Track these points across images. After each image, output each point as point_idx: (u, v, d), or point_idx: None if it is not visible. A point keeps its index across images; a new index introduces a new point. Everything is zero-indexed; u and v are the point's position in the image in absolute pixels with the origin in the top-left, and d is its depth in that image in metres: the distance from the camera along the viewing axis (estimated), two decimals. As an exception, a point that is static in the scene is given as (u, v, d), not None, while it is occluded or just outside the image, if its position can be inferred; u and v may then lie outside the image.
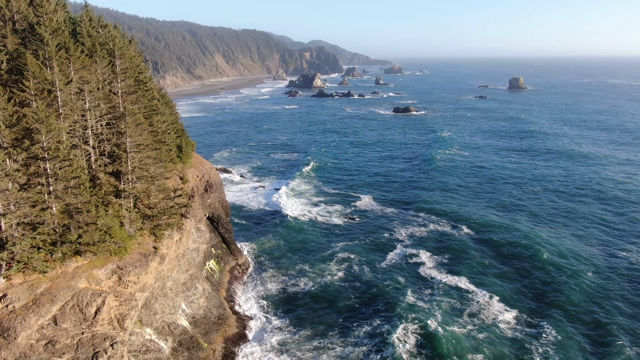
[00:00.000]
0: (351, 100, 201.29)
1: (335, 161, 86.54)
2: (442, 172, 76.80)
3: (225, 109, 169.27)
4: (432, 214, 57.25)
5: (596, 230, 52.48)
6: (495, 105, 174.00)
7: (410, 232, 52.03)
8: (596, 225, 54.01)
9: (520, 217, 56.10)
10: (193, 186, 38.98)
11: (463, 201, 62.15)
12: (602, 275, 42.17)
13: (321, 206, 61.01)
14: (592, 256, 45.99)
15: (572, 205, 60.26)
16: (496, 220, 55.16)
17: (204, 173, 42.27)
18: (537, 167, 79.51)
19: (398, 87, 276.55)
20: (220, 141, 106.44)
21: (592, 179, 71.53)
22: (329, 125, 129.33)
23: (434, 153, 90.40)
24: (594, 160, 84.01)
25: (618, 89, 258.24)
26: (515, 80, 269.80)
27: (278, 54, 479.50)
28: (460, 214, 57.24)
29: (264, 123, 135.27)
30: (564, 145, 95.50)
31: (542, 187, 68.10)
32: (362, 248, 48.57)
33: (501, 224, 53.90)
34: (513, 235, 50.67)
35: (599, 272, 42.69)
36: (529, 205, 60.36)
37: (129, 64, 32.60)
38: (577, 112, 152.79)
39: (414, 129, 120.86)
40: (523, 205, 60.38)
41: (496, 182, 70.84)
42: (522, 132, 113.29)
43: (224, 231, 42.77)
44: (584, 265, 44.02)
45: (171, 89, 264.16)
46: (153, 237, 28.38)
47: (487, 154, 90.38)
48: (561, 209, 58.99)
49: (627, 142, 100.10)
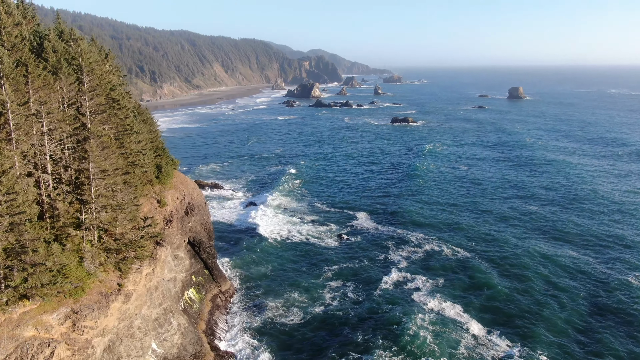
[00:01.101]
0: (349, 111, 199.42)
1: (330, 174, 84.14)
2: (438, 187, 74.33)
3: (221, 120, 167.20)
4: (427, 233, 54.66)
5: (597, 249, 49.88)
6: (494, 116, 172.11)
7: (405, 254, 49.40)
8: (598, 245, 51.40)
9: (520, 236, 53.48)
10: (172, 209, 36.45)
11: (460, 218, 59.53)
12: (610, 299, 39.51)
13: (314, 225, 58.42)
14: (600, 277, 43.36)
15: (576, 221, 57.72)
16: (492, 239, 52.57)
17: (185, 194, 39.75)
18: (536, 182, 76.99)
19: (397, 97, 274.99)
20: (213, 153, 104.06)
21: (591, 194, 69.03)
22: (325, 137, 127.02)
23: (431, 167, 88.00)
24: (592, 174, 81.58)
25: (618, 99, 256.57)
26: (514, 90, 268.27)
27: (277, 63, 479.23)
28: (456, 232, 54.68)
29: (259, 134, 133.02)
30: (564, 164, 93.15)
31: (541, 203, 65.51)
32: (356, 272, 45.95)
33: (498, 243, 51.33)
34: (511, 255, 48.06)
35: (605, 293, 40.03)
36: (528, 223, 57.74)
37: (99, 80, 30.24)
38: (577, 125, 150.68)
39: (410, 141, 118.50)
40: (523, 224, 57.77)
41: (494, 199, 68.29)
42: (517, 145, 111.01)
43: (206, 256, 40.16)
44: (593, 286, 41.41)
45: (169, 99, 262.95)
46: (119, 273, 25.80)
47: (485, 168, 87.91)
48: (567, 226, 56.41)
49: (624, 157, 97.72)
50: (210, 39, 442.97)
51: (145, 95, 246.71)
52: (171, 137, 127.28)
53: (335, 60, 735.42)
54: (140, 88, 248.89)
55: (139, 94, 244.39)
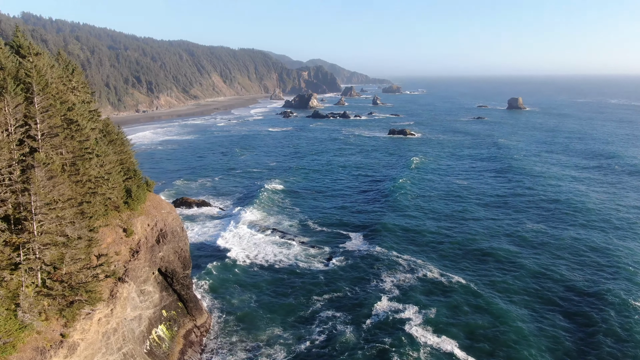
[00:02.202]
0: (347, 122, 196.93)
1: (324, 189, 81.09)
2: (435, 204, 71.22)
3: (215, 131, 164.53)
4: (418, 257, 51.47)
5: (595, 271, 46.67)
6: (491, 129, 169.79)
7: (397, 281, 46.18)
8: (597, 270, 48.18)
9: (518, 256, 50.30)
10: (140, 238, 33.35)
11: (453, 240, 56.37)
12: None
13: (303, 246, 55.25)
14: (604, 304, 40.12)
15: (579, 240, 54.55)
16: (488, 261, 49.41)
17: (158, 220, 36.65)
18: (529, 198, 73.88)
19: (395, 108, 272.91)
20: (204, 167, 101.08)
21: (583, 207, 65.98)
22: (321, 149, 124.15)
23: (427, 182, 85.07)
24: (588, 191, 78.53)
25: (617, 110, 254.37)
26: (514, 100, 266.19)
27: (276, 73, 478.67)
28: (449, 255, 51.53)
29: (253, 147, 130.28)
30: (555, 178, 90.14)
31: (536, 220, 62.37)
32: (346, 302, 42.76)
33: (494, 265, 48.17)
34: (509, 278, 44.91)
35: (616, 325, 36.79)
36: (526, 242, 54.58)
37: (54, 99, 27.35)
38: (574, 139, 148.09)
39: (406, 154, 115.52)
40: (520, 243, 54.57)
41: (488, 218, 65.12)
42: (508, 159, 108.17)
43: (180, 287, 36.97)
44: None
45: (165, 109, 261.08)
46: (64, 320, 22.66)
47: (482, 184, 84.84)
48: (565, 241, 53.24)
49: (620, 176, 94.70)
50: (209, 49, 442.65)
51: (141, 105, 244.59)
52: (162, 149, 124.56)
53: (334, 70, 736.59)
54: (136, 99, 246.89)
55: (135, 104, 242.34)
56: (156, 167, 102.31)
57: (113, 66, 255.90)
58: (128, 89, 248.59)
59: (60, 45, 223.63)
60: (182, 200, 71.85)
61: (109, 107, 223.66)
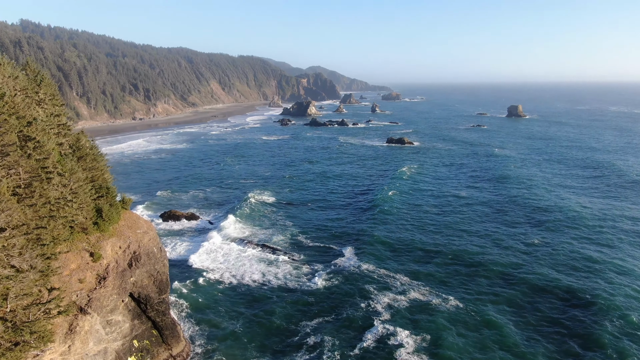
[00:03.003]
0: (345, 130, 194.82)
1: (318, 200, 78.57)
2: (431, 216, 68.67)
3: (210, 140, 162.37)
4: (412, 275, 48.87)
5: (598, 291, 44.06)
6: (489, 138, 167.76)
7: (389, 302, 43.54)
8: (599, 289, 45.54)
9: (516, 275, 47.74)
10: (109, 263, 30.85)
11: (450, 255, 53.78)
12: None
13: (293, 264, 52.66)
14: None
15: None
16: (485, 283, 46.79)
17: (132, 241, 34.16)
18: (522, 211, 71.32)
19: (394, 116, 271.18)
20: (197, 177, 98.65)
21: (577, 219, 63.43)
22: (317, 158, 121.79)
23: (424, 193, 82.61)
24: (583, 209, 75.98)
25: (617, 118, 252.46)
26: (514, 108, 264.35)
27: (275, 80, 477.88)
28: (444, 275, 48.90)
29: (249, 155, 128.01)
30: (544, 190, 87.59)
31: (545, 243, 59.78)
32: (335, 326, 40.09)
33: (492, 289, 45.56)
34: (505, 298, 42.30)
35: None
36: (523, 267, 51.98)
37: (8, 115, 24.99)
38: (573, 148, 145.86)
39: (404, 163, 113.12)
40: (518, 266, 51.97)
41: (487, 232, 62.53)
42: (502, 170, 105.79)
43: (155, 314, 34.40)
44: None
45: (162, 117, 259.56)
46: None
47: (479, 194, 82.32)
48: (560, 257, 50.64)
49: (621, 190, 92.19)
50: (208, 56, 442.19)
51: (138, 113, 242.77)
52: (156, 158, 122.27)
53: (334, 77, 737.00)
54: (133, 106, 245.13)
55: (132, 112, 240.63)
56: (147, 177, 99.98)
57: (110, 73, 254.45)
58: (125, 96, 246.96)
59: (56, 52, 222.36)
60: (170, 214, 69.33)
61: (105, 114, 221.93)
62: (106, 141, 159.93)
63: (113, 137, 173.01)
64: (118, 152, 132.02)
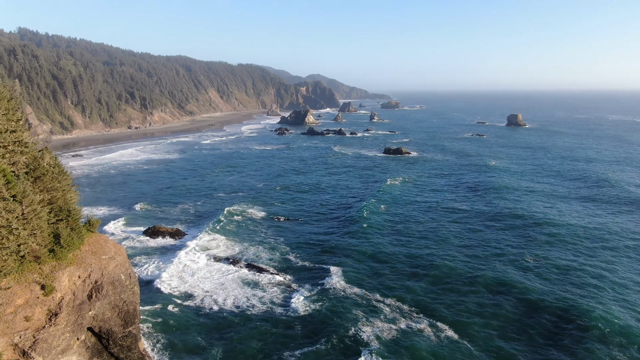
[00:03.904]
0: (342, 139, 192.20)
1: (311, 213, 75.62)
2: (424, 235, 65.66)
3: (205, 150, 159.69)
4: (402, 301, 45.76)
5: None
6: (492, 148, 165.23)
7: (378, 331, 40.42)
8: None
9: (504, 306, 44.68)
10: (63, 296, 27.87)
11: (444, 277, 50.76)
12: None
13: (280, 287, 49.57)
14: None
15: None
16: (477, 309, 43.72)
17: (94, 269, 31.19)
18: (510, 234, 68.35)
19: (393, 125, 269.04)
20: (187, 190, 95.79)
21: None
22: (312, 169, 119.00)
23: (419, 206, 79.66)
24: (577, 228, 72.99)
25: (617, 127, 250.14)
26: (513, 117, 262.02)
27: (274, 89, 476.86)
28: (435, 301, 45.82)
29: (243, 166, 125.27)
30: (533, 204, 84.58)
31: (545, 261, 56.75)
32: (320, 356, 37.06)
33: (483, 314, 42.50)
34: (507, 326, 39.24)
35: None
36: (517, 287, 48.93)
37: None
38: (571, 160, 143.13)
39: (401, 175, 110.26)
40: (513, 284, 48.92)
41: (484, 253, 59.49)
42: (505, 183, 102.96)
43: (119, 350, 31.36)
44: None
45: (159, 126, 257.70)
46: None
47: (475, 208, 79.36)
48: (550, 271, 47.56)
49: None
50: (207, 64, 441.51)
51: (133, 122, 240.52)
52: (147, 169, 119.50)
53: (333, 85, 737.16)
54: (129, 115, 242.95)
55: (127, 120, 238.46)
56: (133, 189, 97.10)
57: (106, 82, 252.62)
58: (121, 104, 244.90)
59: (51, 61, 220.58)
60: (155, 229, 66.34)
61: (100, 123, 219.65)
62: (98, 150, 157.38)
63: (106, 146, 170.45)
64: (105, 163, 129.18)
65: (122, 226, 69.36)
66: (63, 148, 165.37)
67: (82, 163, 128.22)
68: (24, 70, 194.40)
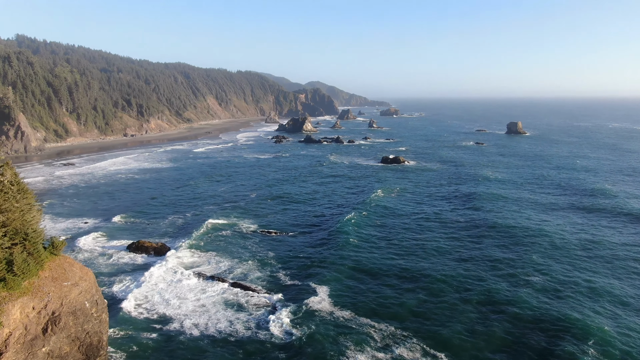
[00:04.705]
0: (339, 148, 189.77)
1: (301, 228, 72.82)
2: (417, 252, 62.84)
3: (199, 159, 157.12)
4: (396, 327, 42.87)
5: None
6: (491, 156, 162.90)
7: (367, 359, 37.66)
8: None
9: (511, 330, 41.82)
10: (12, 332, 25.16)
11: (436, 298, 47.93)
12: None
13: (267, 309, 46.65)
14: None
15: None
16: (474, 337, 40.87)
17: (51, 299, 28.49)
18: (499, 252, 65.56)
19: (391, 132, 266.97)
20: (177, 200, 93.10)
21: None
22: (307, 179, 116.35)
23: (415, 222, 76.93)
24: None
25: (617, 135, 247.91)
26: (513, 124, 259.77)
27: (272, 96, 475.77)
28: (429, 326, 42.96)
29: (237, 175, 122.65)
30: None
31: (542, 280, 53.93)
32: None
33: (483, 344, 39.65)
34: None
35: None
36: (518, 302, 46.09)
37: None
38: (569, 170, 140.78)
39: (396, 185, 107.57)
40: (505, 302, 46.10)
41: (482, 270, 56.67)
42: (501, 195, 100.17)
43: (78, 388, 28.57)
44: None
45: (155, 133, 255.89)
46: None
47: (472, 220, 76.60)
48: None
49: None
50: (206, 71, 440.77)
51: (129, 129, 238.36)
52: (139, 179, 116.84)
53: (333, 92, 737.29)
54: (125, 122, 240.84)
55: (123, 128, 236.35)
56: (121, 200, 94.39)
57: (103, 89, 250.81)
58: (117, 112, 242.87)
59: (47, 68, 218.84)
60: (139, 245, 63.52)
61: (95, 131, 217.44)
62: (91, 159, 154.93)
63: (99, 154, 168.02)
64: (94, 172, 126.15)
65: (104, 241, 66.60)
66: (57, 156, 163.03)
67: (71, 172, 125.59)
68: (18, 77, 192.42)
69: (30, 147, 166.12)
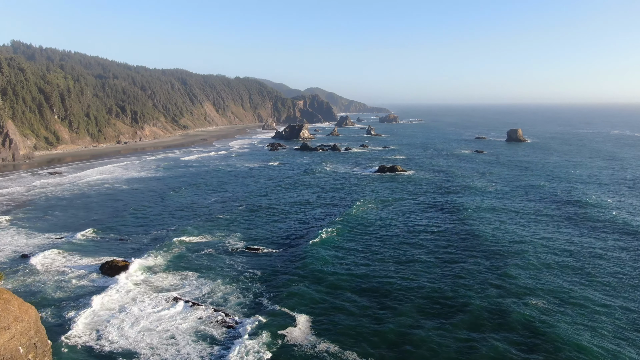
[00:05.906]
0: (335, 155, 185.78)
1: (288, 242, 68.45)
2: (407, 268, 58.46)
3: (189, 167, 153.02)
4: (384, 357, 38.63)
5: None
6: (490, 165, 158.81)
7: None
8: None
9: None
10: None
11: (427, 318, 43.53)
12: None
13: (249, 343, 42.31)
14: None
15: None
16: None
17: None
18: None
19: (389, 139, 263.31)
20: (162, 213, 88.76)
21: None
22: (300, 189, 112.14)
23: (409, 237, 72.61)
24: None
25: (618, 142, 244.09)
26: (513, 132, 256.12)
27: (270, 102, 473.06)
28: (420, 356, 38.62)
29: (229, 185, 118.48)
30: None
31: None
32: None
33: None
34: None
35: None
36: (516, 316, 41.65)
37: None
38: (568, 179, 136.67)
39: (392, 195, 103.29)
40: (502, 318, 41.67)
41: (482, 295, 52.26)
42: (497, 207, 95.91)
43: None
44: None
45: (149, 140, 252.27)
46: None
47: (469, 233, 72.24)
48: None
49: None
50: (203, 77, 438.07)
51: (123, 137, 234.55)
52: (126, 189, 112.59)
53: (332, 98, 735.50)
54: (118, 129, 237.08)
55: (117, 135, 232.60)
56: (100, 212, 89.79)
57: (97, 95, 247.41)
58: (110, 119, 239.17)
59: (39, 74, 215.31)
60: (112, 264, 59.06)
61: (87, 138, 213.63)
62: (80, 167, 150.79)
63: (89, 162, 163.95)
64: (77, 182, 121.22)
65: (71, 259, 62.02)
66: (46, 164, 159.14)
67: (56, 181, 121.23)
68: (9, 84, 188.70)
69: (18, 155, 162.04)
